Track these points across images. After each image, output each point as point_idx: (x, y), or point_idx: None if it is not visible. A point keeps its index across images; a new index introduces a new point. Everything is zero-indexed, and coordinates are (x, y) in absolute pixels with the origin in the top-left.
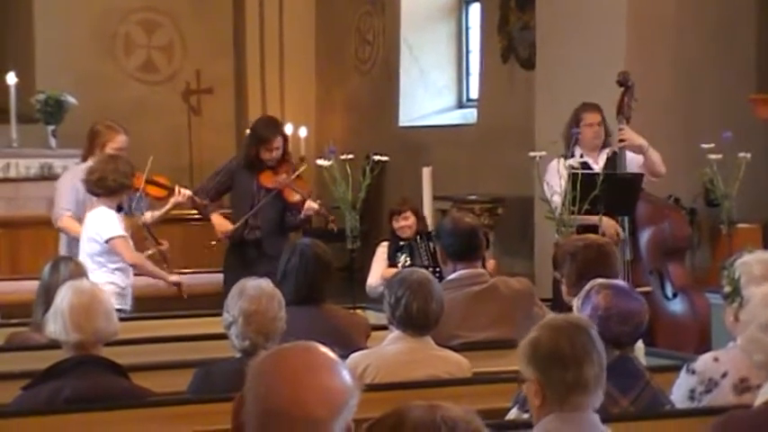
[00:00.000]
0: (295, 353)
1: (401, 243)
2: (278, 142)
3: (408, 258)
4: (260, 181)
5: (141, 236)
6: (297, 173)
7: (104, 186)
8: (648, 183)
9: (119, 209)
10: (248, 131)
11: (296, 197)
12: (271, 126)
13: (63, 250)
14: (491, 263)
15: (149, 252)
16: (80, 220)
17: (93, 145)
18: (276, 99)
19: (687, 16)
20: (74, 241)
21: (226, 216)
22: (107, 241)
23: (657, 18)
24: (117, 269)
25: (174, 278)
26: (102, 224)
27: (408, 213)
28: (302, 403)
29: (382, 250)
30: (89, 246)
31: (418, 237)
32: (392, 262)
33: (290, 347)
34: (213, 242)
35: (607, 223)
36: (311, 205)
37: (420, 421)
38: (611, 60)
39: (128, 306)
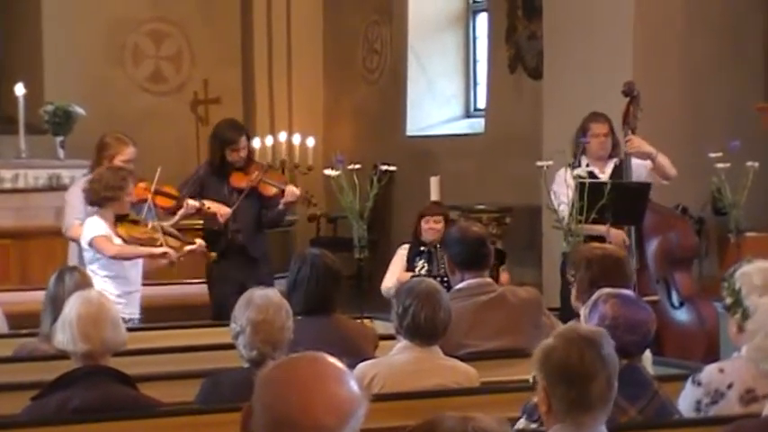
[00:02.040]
0: (303, 363)
1: (421, 249)
2: (243, 142)
3: (426, 264)
4: (231, 184)
5: (149, 243)
6: (264, 166)
7: (89, 197)
8: (656, 191)
9: (123, 217)
10: (210, 137)
11: (273, 190)
12: (234, 127)
13: (74, 260)
14: (504, 276)
15: (179, 256)
16: None
17: (102, 157)
18: (284, 109)
19: (694, 25)
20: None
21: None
22: (89, 244)
23: (665, 27)
24: (107, 277)
25: (159, 249)
26: (86, 231)
27: (440, 218)
28: (311, 412)
29: (402, 252)
30: (85, 255)
31: (439, 244)
32: (410, 266)
33: (299, 357)
34: (216, 226)
35: (614, 233)
36: (293, 191)
37: None
38: (619, 69)
39: (134, 315)
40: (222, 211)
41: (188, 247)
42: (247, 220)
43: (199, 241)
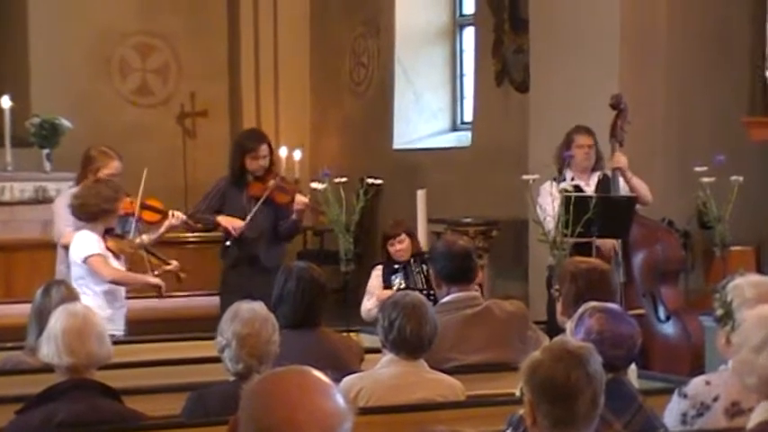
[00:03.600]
0: (289, 376)
1: (395, 266)
2: (264, 150)
3: (403, 281)
4: (250, 193)
5: (138, 258)
6: (282, 177)
7: (85, 212)
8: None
9: (107, 231)
10: (232, 145)
11: (285, 198)
12: (255, 135)
13: (61, 274)
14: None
15: (156, 273)
16: None
17: (87, 170)
18: (271, 121)
19: (680, 40)
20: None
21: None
22: (84, 261)
23: (650, 41)
24: (102, 292)
25: (155, 280)
26: (79, 246)
27: (403, 236)
28: (296, 424)
29: (377, 273)
30: (73, 270)
31: (412, 259)
32: (387, 285)
33: (285, 371)
34: (228, 242)
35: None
36: (301, 199)
37: None
38: (605, 83)
39: (119, 331)
40: (235, 224)
41: (167, 268)
42: (263, 229)
43: (174, 263)
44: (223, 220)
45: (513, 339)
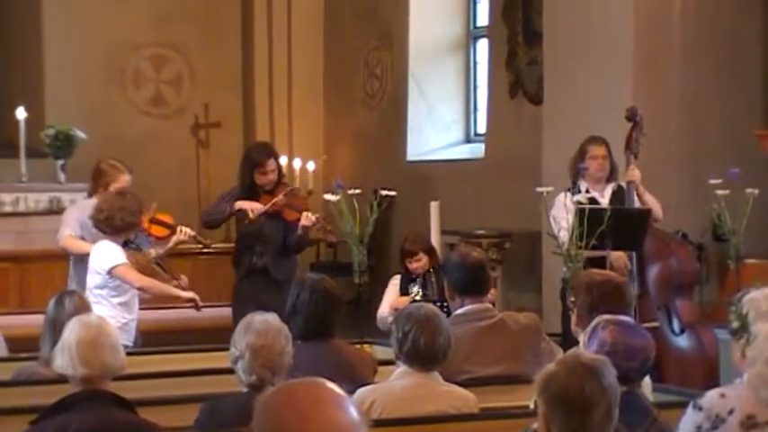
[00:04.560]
0: (303, 388)
1: (413, 276)
2: (272, 165)
3: (421, 290)
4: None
5: (150, 272)
6: (291, 190)
7: (112, 225)
8: None
9: (125, 244)
10: (241, 159)
11: (294, 215)
12: (263, 149)
13: (73, 284)
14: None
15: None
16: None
17: (98, 184)
18: (284, 133)
19: (694, 52)
20: (83, 275)
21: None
22: (109, 271)
23: (664, 53)
24: (119, 303)
25: (187, 294)
26: (102, 255)
27: (420, 255)
28: None
29: (395, 283)
30: (91, 278)
31: (431, 269)
32: (404, 294)
33: (298, 382)
34: (247, 220)
35: (616, 254)
36: (308, 216)
37: None
38: (619, 96)
39: (130, 342)
40: (254, 206)
41: (176, 283)
42: (272, 243)
43: (184, 277)
44: (241, 203)
45: (527, 352)
